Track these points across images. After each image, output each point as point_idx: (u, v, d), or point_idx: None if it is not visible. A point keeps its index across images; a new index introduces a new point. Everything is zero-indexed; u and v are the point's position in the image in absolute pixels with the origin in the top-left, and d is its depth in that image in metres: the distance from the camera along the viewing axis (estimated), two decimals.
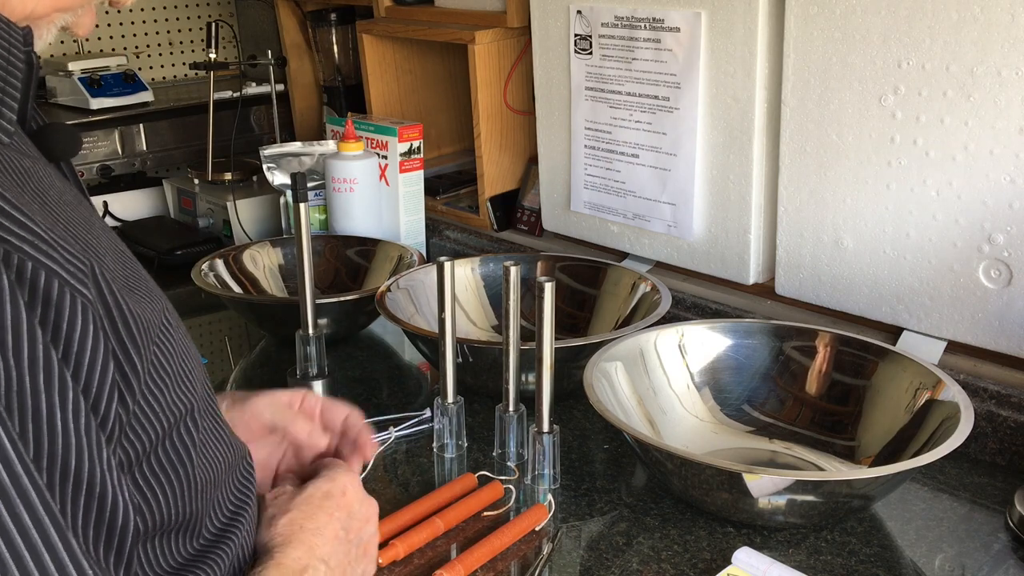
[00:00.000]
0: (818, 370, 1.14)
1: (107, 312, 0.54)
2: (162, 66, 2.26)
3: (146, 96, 1.99)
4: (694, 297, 1.36)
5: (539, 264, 1.43)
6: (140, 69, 2.13)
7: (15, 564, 0.45)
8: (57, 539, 0.47)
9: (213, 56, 1.80)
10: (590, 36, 1.40)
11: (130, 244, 1.89)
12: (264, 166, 1.66)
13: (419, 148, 1.66)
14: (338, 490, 0.79)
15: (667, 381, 1.15)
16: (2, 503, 0.45)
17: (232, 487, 0.70)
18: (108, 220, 1.92)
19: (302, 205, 1.22)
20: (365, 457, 0.89)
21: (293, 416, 0.87)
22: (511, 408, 1.08)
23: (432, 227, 1.73)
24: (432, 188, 1.77)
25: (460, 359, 1.14)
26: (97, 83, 1.93)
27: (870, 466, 1.03)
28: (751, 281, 1.33)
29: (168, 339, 0.61)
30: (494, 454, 1.12)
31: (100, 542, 0.51)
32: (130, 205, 1.97)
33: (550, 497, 1.03)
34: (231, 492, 0.70)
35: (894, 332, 1.20)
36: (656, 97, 1.34)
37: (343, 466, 0.83)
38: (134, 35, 2.20)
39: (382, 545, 0.90)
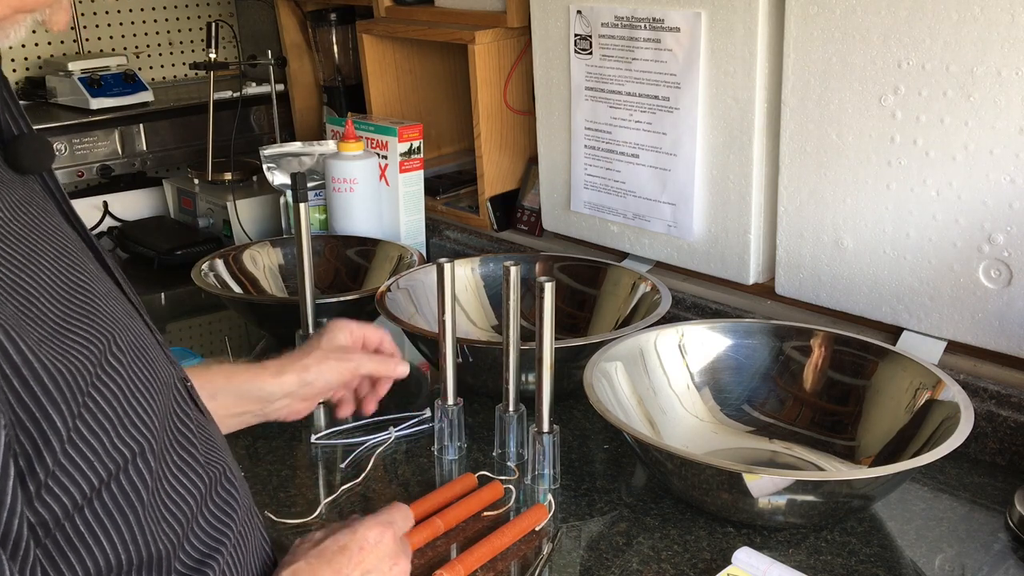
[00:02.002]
0: (818, 370, 1.14)
1: (13, 373, 0.52)
2: (162, 66, 2.26)
3: (146, 96, 1.99)
4: (694, 297, 1.36)
5: (539, 264, 1.43)
6: (140, 69, 2.13)
7: None
8: None
9: (213, 56, 1.80)
10: (590, 36, 1.40)
11: (130, 244, 1.91)
12: (264, 166, 1.66)
13: (419, 148, 1.66)
14: (356, 545, 0.77)
15: (667, 381, 1.15)
16: None
17: (207, 515, 0.68)
18: (108, 220, 1.92)
19: (302, 205, 1.22)
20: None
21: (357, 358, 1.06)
22: (511, 408, 1.08)
23: (432, 227, 1.73)
24: (432, 188, 1.77)
25: (460, 359, 1.14)
26: (97, 83, 1.93)
27: (870, 466, 1.03)
28: (751, 281, 1.33)
29: (112, 380, 0.59)
30: (494, 454, 1.12)
31: None
32: (130, 205, 1.97)
33: (550, 497, 1.03)
34: (206, 521, 0.68)
35: (894, 332, 1.20)
36: (656, 97, 1.34)
37: (380, 516, 0.81)
38: (134, 35, 2.20)
39: None
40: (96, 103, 1.92)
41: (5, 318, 0.53)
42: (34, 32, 2.06)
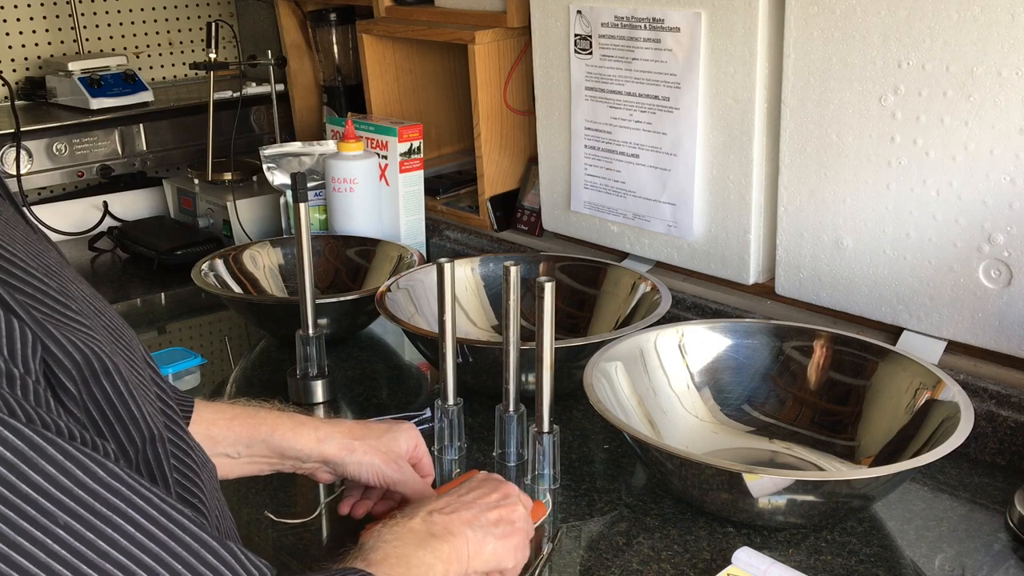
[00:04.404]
0: (818, 370, 1.14)
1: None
2: (162, 66, 2.26)
3: (146, 96, 1.99)
4: (694, 297, 1.36)
5: (539, 264, 1.43)
6: (140, 69, 2.13)
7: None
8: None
9: (213, 56, 1.80)
10: (590, 36, 1.40)
11: (130, 244, 1.91)
12: (264, 166, 1.66)
13: (419, 148, 1.66)
14: (469, 487, 0.88)
15: (667, 381, 1.15)
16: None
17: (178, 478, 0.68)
18: (108, 220, 1.92)
19: (302, 205, 1.22)
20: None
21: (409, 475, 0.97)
22: (511, 408, 1.08)
23: (432, 227, 1.73)
24: (432, 188, 1.77)
25: (460, 359, 1.14)
26: (97, 83, 1.93)
27: (870, 466, 1.03)
28: (751, 281, 1.33)
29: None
30: (494, 454, 1.12)
31: None
32: (130, 205, 1.97)
33: (548, 496, 1.03)
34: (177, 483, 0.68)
35: (894, 332, 1.20)
36: (656, 97, 1.34)
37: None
38: (134, 35, 2.20)
39: None
40: (96, 103, 1.92)
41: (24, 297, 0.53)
42: (34, 32, 2.06)
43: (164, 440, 0.62)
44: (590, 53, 1.40)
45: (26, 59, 2.07)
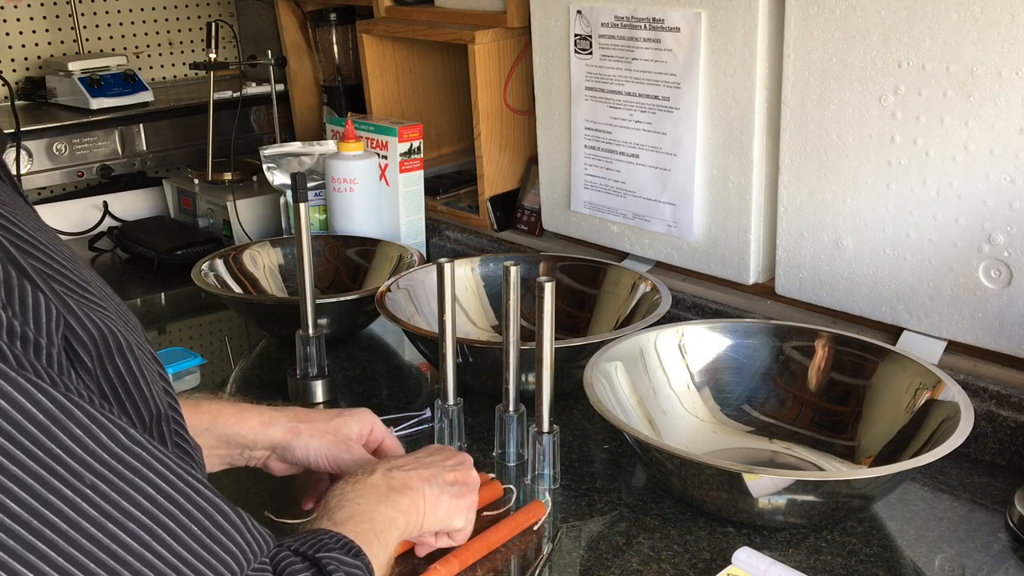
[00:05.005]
0: (818, 370, 1.14)
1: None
2: (162, 66, 2.26)
3: (146, 96, 1.99)
4: (694, 297, 1.36)
5: (539, 264, 1.43)
6: (140, 69, 2.13)
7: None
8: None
9: (213, 56, 1.80)
10: (590, 36, 1.40)
11: (130, 244, 1.91)
12: (264, 166, 1.66)
13: (419, 148, 1.66)
14: (424, 453, 0.93)
15: (667, 381, 1.15)
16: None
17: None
18: (108, 220, 1.92)
19: (302, 205, 1.22)
20: None
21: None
22: (511, 408, 1.08)
23: (432, 227, 1.73)
24: (432, 188, 1.77)
25: (460, 359, 1.14)
26: (97, 83, 1.93)
27: (870, 466, 1.03)
28: (751, 281, 1.33)
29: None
30: (494, 454, 1.12)
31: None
32: (130, 205, 1.97)
33: (547, 496, 1.03)
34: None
35: (894, 332, 1.20)
36: (656, 97, 1.34)
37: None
38: (134, 35, 2.20)
39: None
40: (96, 103, 1.92)
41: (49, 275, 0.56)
42: (34, 32, 2.06)
43: (169, 419, 0.64)
44: (590, 53, 1.40)
45: (26, 59, 2.07)
